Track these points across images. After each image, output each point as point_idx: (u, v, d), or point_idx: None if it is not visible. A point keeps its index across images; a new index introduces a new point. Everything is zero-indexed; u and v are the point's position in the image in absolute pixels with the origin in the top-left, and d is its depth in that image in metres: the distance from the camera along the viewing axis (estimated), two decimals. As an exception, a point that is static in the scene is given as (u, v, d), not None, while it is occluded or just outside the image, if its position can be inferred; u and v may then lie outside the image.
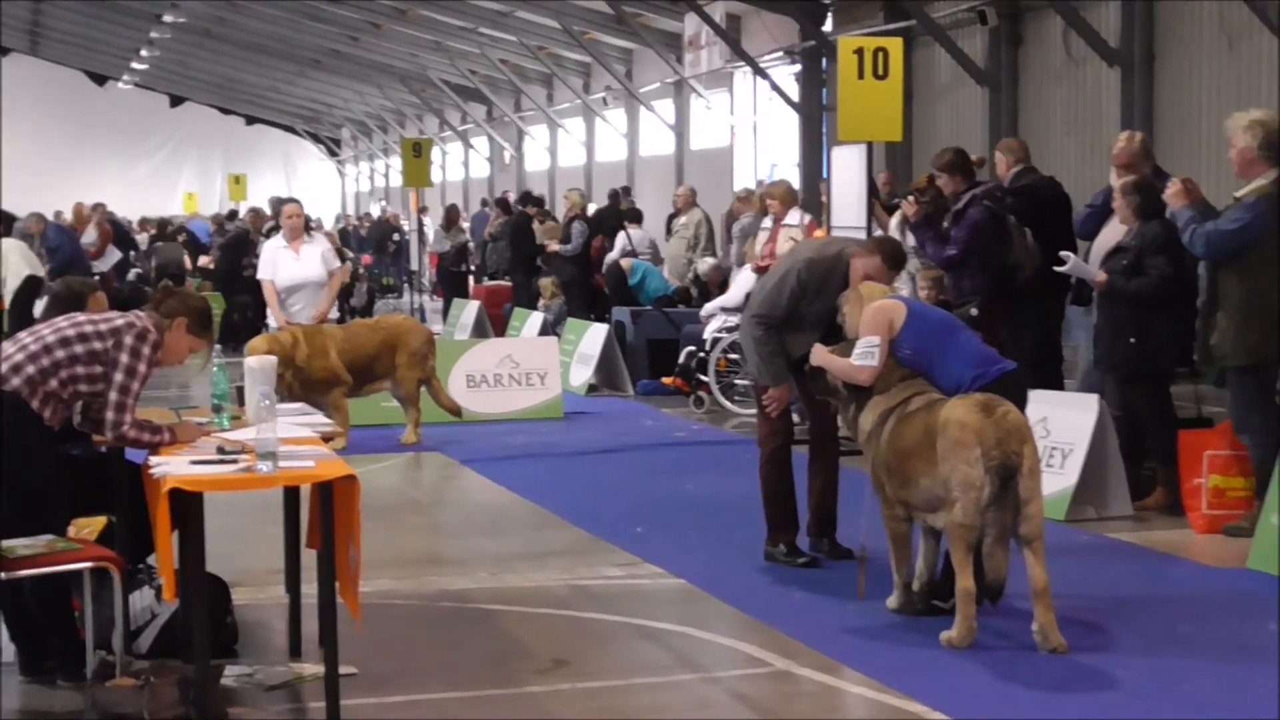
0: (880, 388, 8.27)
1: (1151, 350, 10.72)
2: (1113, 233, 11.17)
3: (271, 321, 14.82)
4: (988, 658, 7.50)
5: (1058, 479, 10.72)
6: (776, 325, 9.35)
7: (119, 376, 7.17)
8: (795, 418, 10.15)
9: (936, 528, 7.97)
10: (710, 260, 20.16)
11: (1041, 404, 10.75)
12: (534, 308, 22.14)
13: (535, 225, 25.38)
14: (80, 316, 7.44)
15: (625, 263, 21.20)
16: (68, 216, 28.55)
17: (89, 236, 26.84)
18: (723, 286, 18.42)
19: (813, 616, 8.33)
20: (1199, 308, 10.25)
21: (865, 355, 8.18)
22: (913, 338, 8.20)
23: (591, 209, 25.46)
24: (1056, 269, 11.15)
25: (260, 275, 15.22)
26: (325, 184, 68.68)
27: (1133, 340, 10.72)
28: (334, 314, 15.16)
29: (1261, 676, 7.18)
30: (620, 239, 22.46)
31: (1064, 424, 10.84)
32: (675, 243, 22.14)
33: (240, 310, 23.97)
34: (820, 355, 8.55)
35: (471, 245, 30.80)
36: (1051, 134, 22.16)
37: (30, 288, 17.50)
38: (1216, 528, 10.21)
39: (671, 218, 23.80)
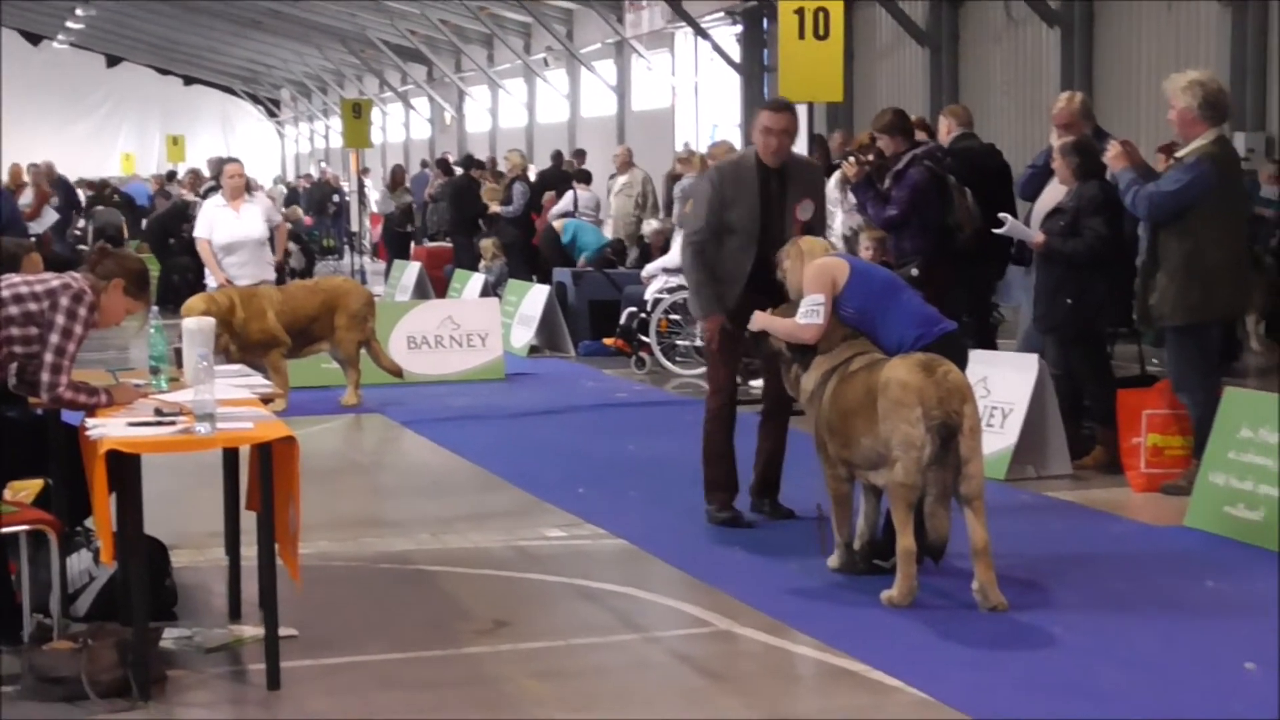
0: (823, 347, 8.28)
1: (1089, 310, 10.77)
2: (1053, 194, 11.21)
3: (210, 282, 14.73)
4: (928, 616, 7.53)
5: (998, 438, 10.77)
6: (705, 243, 9.32)
7: (54, 338, 7.10)
8: (739, 379, 10.15)
9: (879, 486, 8.00)
10: (654, 223, 20.14)
11: (981, 364, 10.81)
12: (476, 269, 22.08)
13: (485, 186, 25.33)
14: (15, 278, 7.35)
15: (557, 223, 21.18)
16: (4, 178, 28.27)
17: (26, 197, 26.58)
18: (665, 249, 18.40)
19: (755, 577, 8.35)
20: (1139, 268, 10.29)
21: (810, 314, 8.18)
22: (856, 296, 8.21)
23: (533, 171, 25.40)
24: (995, 230, 11.19)
25: (197, 234, 15.13)
26: (264, 145, 68.29)
27: (1070, 301, 10.77)
28: (272, 276, 15.05)
29: (1197, 632, 7.24)
30: (565, 199, 22.43)
31: (1004, 384, 10.89)
32: (621, 201, 22.10)
33: (179, 272, 23.81)
34: (761, 319, 8.54)
35: (415, 206, 30.67)
36: (992, 94, 22.25)
37: None
38: (1155, 486, 10.28)
39: (612, 178, 23.78)
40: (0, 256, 8.22)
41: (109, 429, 6.64)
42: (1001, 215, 11.14)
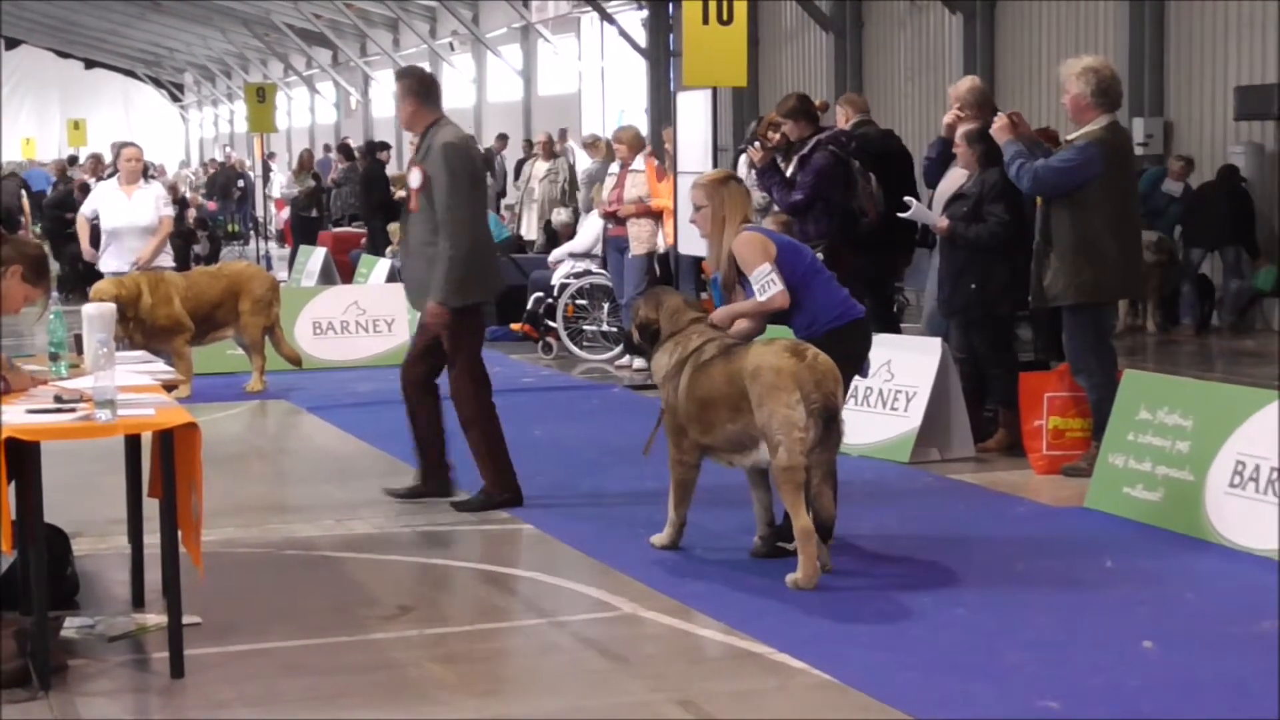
0: (669, 327, 8.34)
1: (992, 295, 10.88)
2: (954, 179, 11.29)
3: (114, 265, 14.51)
4: (832, 599, 7.58)
5: (901, 421, 10.86)
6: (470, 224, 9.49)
7: None
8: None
9: (742, 467, 8.14)
10: (563, 214, 20.06)
11: (885, 347, 10.88)
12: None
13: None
14: None
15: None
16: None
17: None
18: (572, 235, 18.39)
19: (659, 561, 8.37)
20: (1033, 249, 10.39)
21: (767, 285, 8.19)
22: (786, 270, 8.24)
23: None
24: (900, 215, 11.27)
25: (81, 211, 14.97)
26: (168, 130, 67.64)
27: (974, 285, 10.87)
28: (170, 262, 14.87)
29: (1097, 611, 7.32)
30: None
31: (907, 367, 10.97)
32: (545, 187, 21.92)
33: (69, 261, 23.52)
34: (722, 315, 8.46)
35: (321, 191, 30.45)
36: (895, 80, 22.39)
37: None
38: (1056, 468, 10.38)
39: (521, 163, 23.70)
40: None
41: (7, 416, 6.56)
42: (906, 199, 11.22)
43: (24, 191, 30.58)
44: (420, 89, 9.74)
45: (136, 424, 6.65)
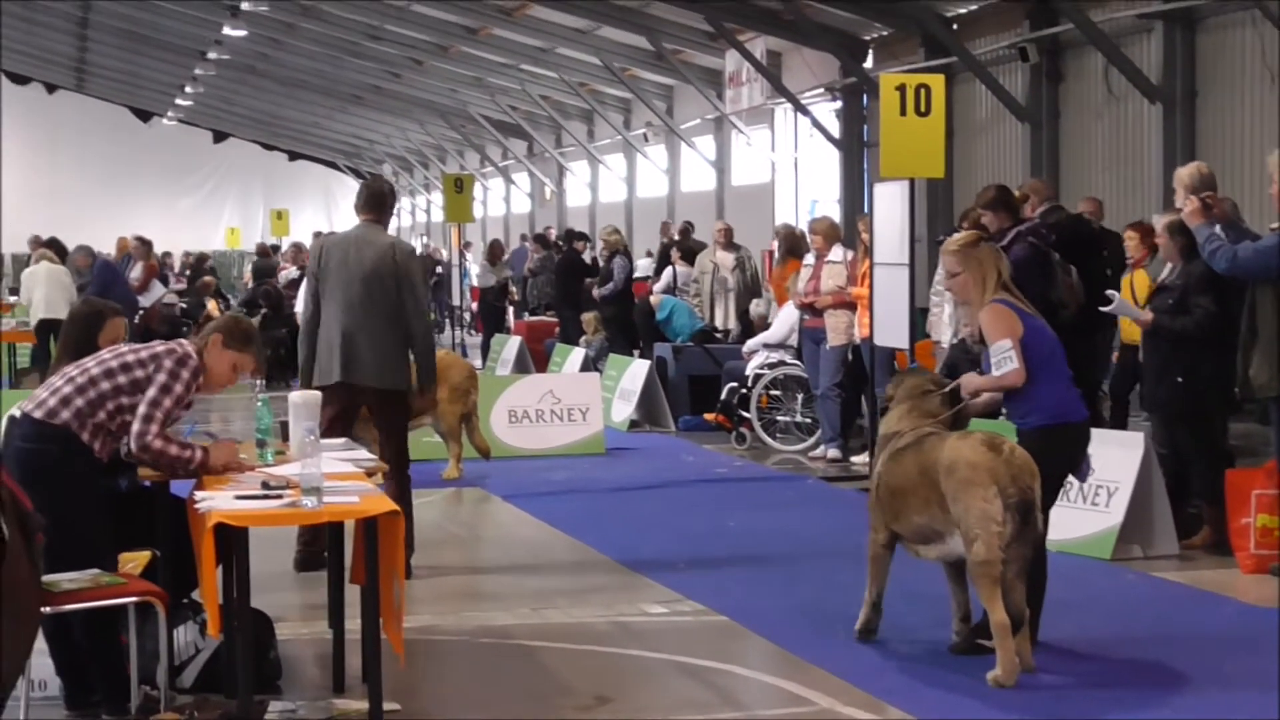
0: (899, 397, 8.38)
1: (1198, 389, 10.66)
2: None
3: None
4: (1032, 697, 7.45)
5: (1103, 517, 10.67)
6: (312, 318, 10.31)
7: (152, 392, 7.21)
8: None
9: (927, 559, 8.12)
10: (760, 304, 20.02)
11: (1086, 441, 10.71)
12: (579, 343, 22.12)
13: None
14: (123, 347, 7.49)
15: (654, 299, 21.16)
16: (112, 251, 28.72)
17: (135, 272, 26.97)
18: (765, 326, 18.38)
19: (856, 654, 8.29)
20: (1239, 340, 10.17)
21: (1003, 361, 8.13)
22: (1026, 352, 8.16)
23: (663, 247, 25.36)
24: (1102, 309, 11.13)
25: (298, 309, 15.24)
26: (367, 220, 68.80)
27: (1180, 379, 10.67)
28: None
29: (1310, 717, 7.13)
30: (665, 275, 22.45)
31: (1109, 461, 10.77)
32: (739, 276, 21.76)
33: (273, 346, 23.97)
34: (969, 384, 8.44)
35: (512, 281, 30.78)
36: (1092, 170, 22.12)
37: (47, 328, 17.71)
38: (1264, 568, 10.13)
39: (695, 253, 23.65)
40: (86, 312, 8.31)
41: (217, 501, 6.70)
42: (1109, 293, 11.08)
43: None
44: None
45: (342, 511, 6.75)
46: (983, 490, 7.64)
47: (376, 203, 10.59)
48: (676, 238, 25.68)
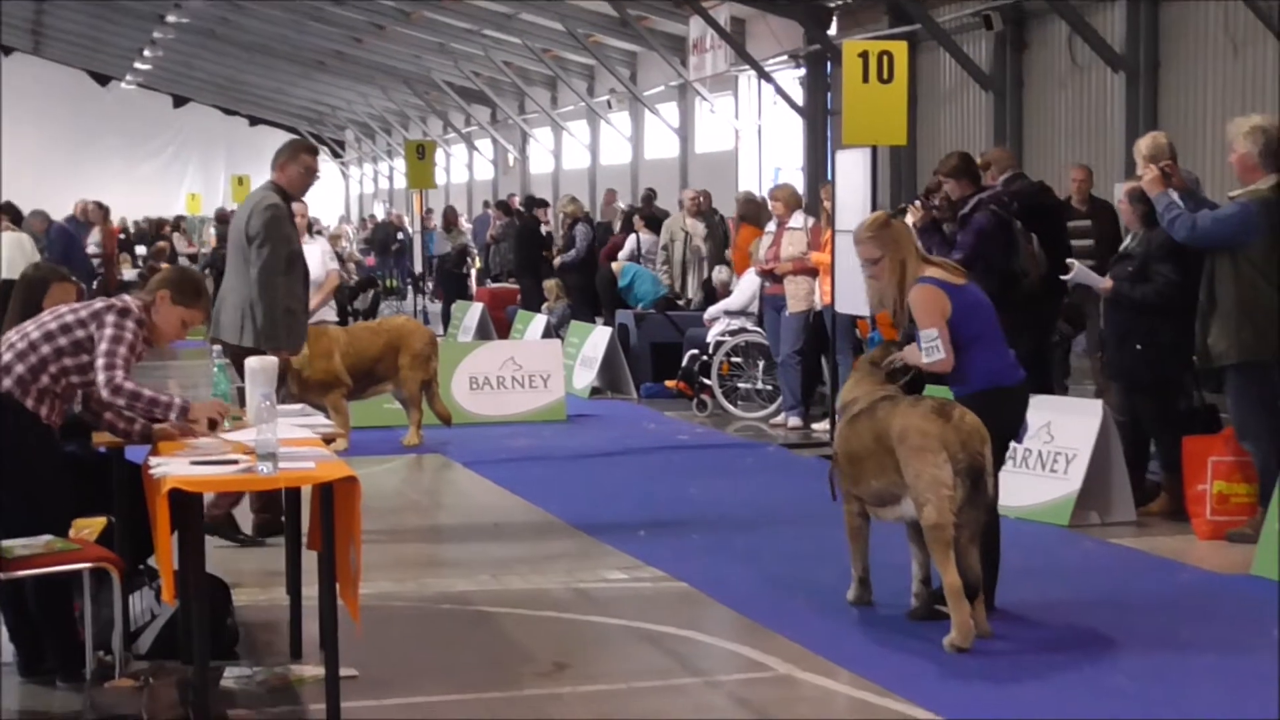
0: (858, 363, 8.69)
1: (1157, 357, 10.69)
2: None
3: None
4: (991, 662, 7.47)
5: (1061, 484, 10.70)
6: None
7: (104, 344, 7.14)
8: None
9: (885, 520, 8.17)
10: (723, 271, 20.01)
11: (1044, 409, 10.74)
12: (540, 310, 22.09)
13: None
14: (62, 308, 7.39)
15: (615, 266, 21.14)
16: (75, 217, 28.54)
17: (94, 237, 26.87)
18: (727, 293, 18.37)
19: (814, 621, 8.31)
20: (1198, 307, 10.20)
21: (931, 350, 8.12)
22: (958, 328, 8.13)
23: (623, 210, 25.32)
24: (1063, 277, 11.14)
25: None
26: (329, 186, 68.61)
27: (1139, 347, 10.70)
28: (333, 316, 15.06)
29: (1259, 682, 7.15)
30: (629, 243, 22.42)
31: (1067, 429, 10.82)
32: (711, 247, 21.72)
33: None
34: (909, 358, 8.42)
35: (473, 248, 30.67)
36: (1056, 139, 22.15)
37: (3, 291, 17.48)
38: (1220, 534, 10.17)
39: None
40: (33, 278, 8.23)
41: (172, 467, 6.66)
42: (1070, 261, 11.10)
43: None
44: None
45: (297, 477, 6.72)
46: (933, 456, 7.71)
47: (272, 162, 10.60)
48: (623, 207, 25.60)
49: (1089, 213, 15.66)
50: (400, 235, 35.94)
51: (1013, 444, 8.69)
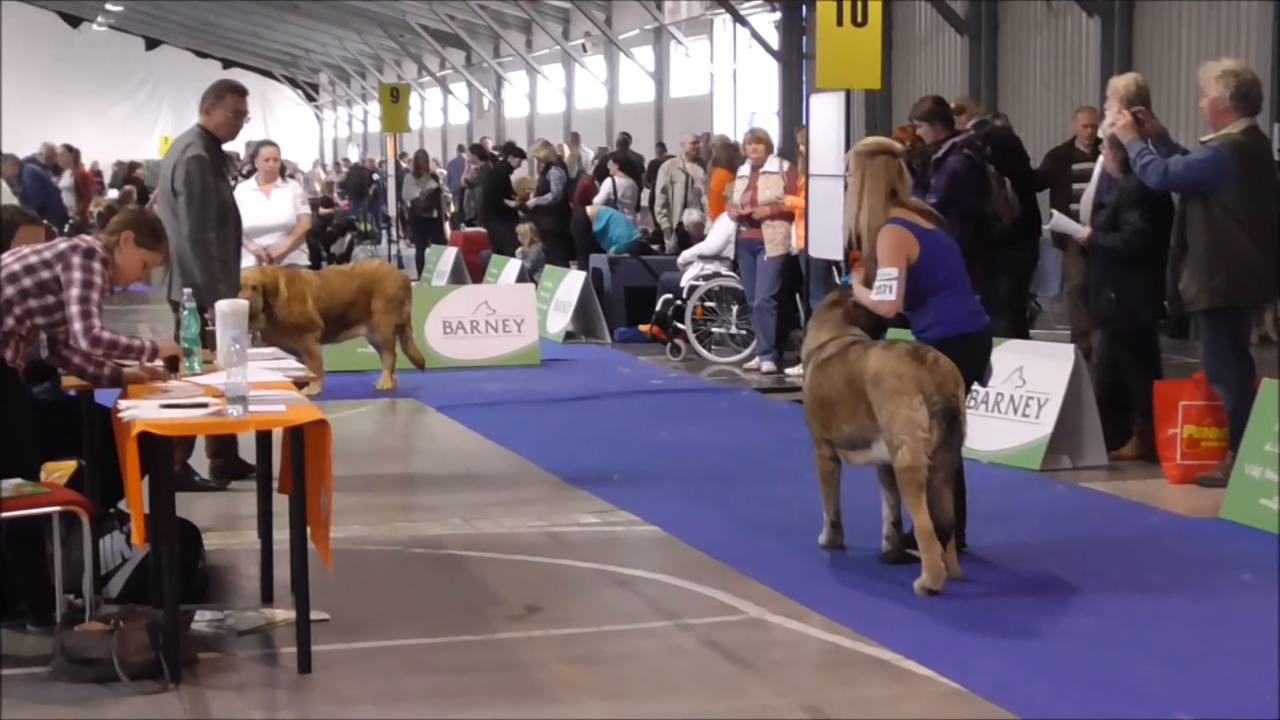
0: (820, 308, 8.59)
1: (1131, 304, 10.71)
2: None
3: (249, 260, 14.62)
4: (961, 605, 7.49)
5: (1033, 428, 10.73)
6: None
7: (74, 290, 7.10)
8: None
9: (856, 464, 8.18)
10: (694, 213, 20.02)
11: (1017, 353, 10.78)
12: (513, 255, 22.05)
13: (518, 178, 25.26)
14: (25, 249, 7.34)
15: (590, 210, 21.10)
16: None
17: (65, 180, 26.72)
18: (701, 237, 18.36)
19: (786, 564, 8.32)
20: (1169, 254, 10.21)
21: (883, 289, 8.11)
22: (923, 274, 8.12)
23: (590, 155, 25.30)
24: (1045, 226, 11.17)
25: None
26: (303, 129, 68.38)
27: (1113, 294, 10.72)
28: (305, 260, 14.99)
29: (1231, 625, 7.20)
30: (605, 187, 22.36)
31: (1039, 373, 10.84)
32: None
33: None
34: (858, 295, 8.42)
35: (447, 191, 30.54)
36: (1031, 84, 22.16)
37: None
38: (1190, 478, 10.21)
39: (655, 165, 23.60)
40: None
41: (141, 411, 6.64)
42: (1051, 211, 11.13)
43: None
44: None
45: (268, 420, 6.71)
46: (908, 399, 7.70)
47: (200, 105, 10.54)
48: (589, 152, 25.53)
49: (1096, 156, 15.65)
50: (375, 178, 35.82)
51: (977, 386, 8.73)
